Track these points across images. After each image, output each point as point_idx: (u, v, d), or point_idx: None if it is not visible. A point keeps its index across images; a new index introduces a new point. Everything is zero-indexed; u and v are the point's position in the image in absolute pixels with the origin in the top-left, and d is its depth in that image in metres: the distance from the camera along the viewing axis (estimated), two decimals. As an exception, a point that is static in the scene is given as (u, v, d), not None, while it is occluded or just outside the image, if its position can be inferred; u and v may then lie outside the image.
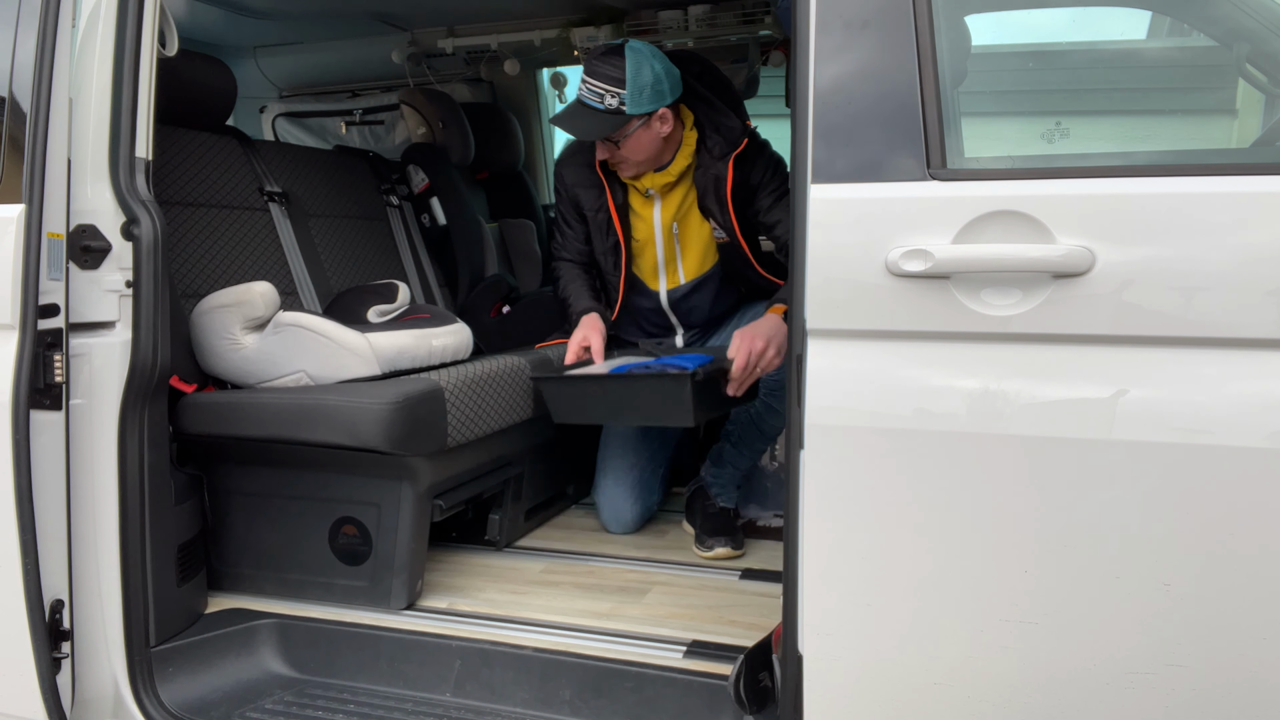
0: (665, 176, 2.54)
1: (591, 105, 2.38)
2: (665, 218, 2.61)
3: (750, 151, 2.52)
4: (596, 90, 2.37)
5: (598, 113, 2.38)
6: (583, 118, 2.40)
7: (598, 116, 2.38)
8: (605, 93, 2.36)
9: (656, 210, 2.60)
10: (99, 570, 1.86)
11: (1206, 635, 1.30)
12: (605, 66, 2.36)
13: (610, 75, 2.36)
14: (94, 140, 1.84)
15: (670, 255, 2.66)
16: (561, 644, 1.98)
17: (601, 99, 2.36)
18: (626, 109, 2.36)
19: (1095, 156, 1.60)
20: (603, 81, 2.36)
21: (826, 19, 1.43)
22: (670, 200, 2.59)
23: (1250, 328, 1.26)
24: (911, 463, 1.38)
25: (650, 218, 2.61)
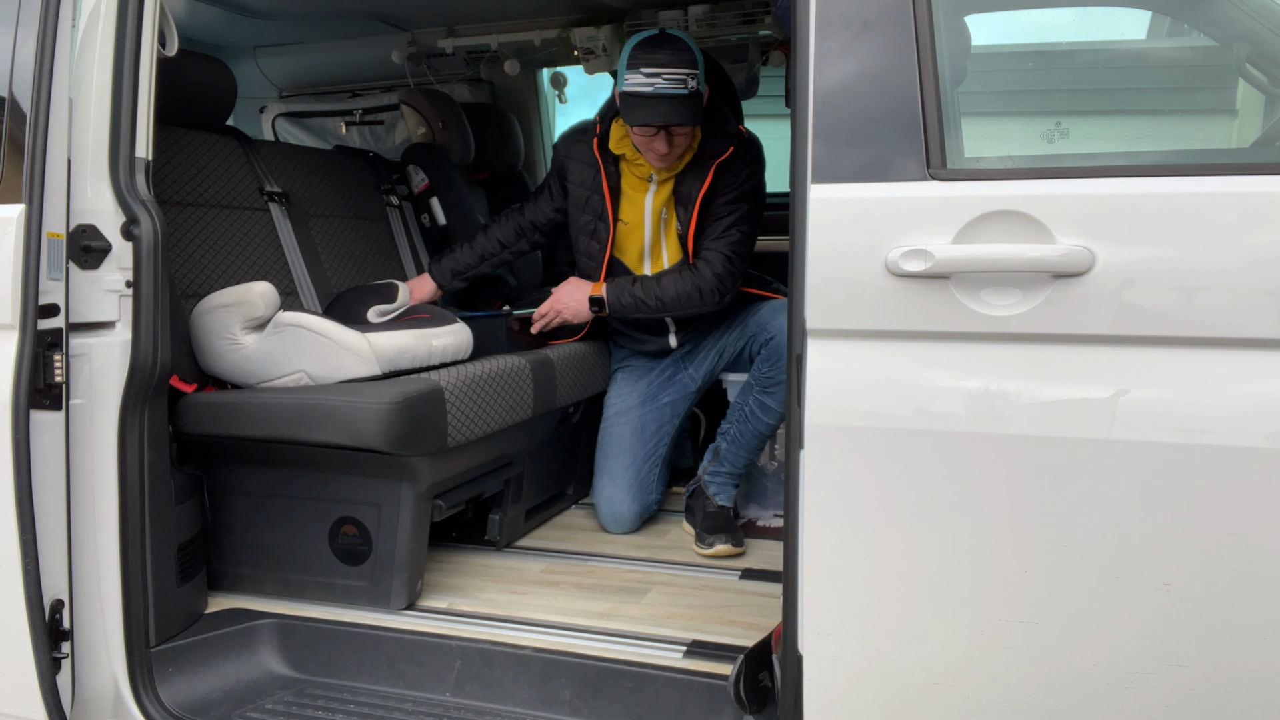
0: (674, 168, 2.57)
1: (677, 93, 2.36)
2: (656, 203, 2.64)
3: (732, 161, 2.55)
4: (678, 76, 2.36)
5: (686, 98, 2.37)
6: (676, 106, 2.38)
7: (688, 101, 2.38)
8: (687, 76, 2.36)
9: (650, 194, 2.63)
10: (99, 570, 1.86)
11: (1206, 635, 1.30)
12: (675, 53, 2.37)
13: (684, 58, 2.37)
14: (94, 140, 1.84)
15: (656, 240, 2.70)
16: (561, 644, 1.98)
17: (684, 83, 2.36)
18: (701, 87, 2.39)
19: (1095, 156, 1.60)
20: (681, 67, 2.36)
21: (826, 19, 1.43)
22: (664, 188, 2.62)
23: (1250, 328, 1.27)
24: (911, 463, 1.38)
25: (642, 202, 2.64)
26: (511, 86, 4.10)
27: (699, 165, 2.57)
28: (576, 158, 2.70)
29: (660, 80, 2.36)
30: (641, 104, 2.39)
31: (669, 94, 2.37)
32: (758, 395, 2.61)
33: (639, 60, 2.39)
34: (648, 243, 2.71)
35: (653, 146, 2.49)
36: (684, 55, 2.38)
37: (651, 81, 2.37)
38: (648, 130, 2.45)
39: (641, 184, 2.66)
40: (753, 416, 2.62)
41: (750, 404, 2.63)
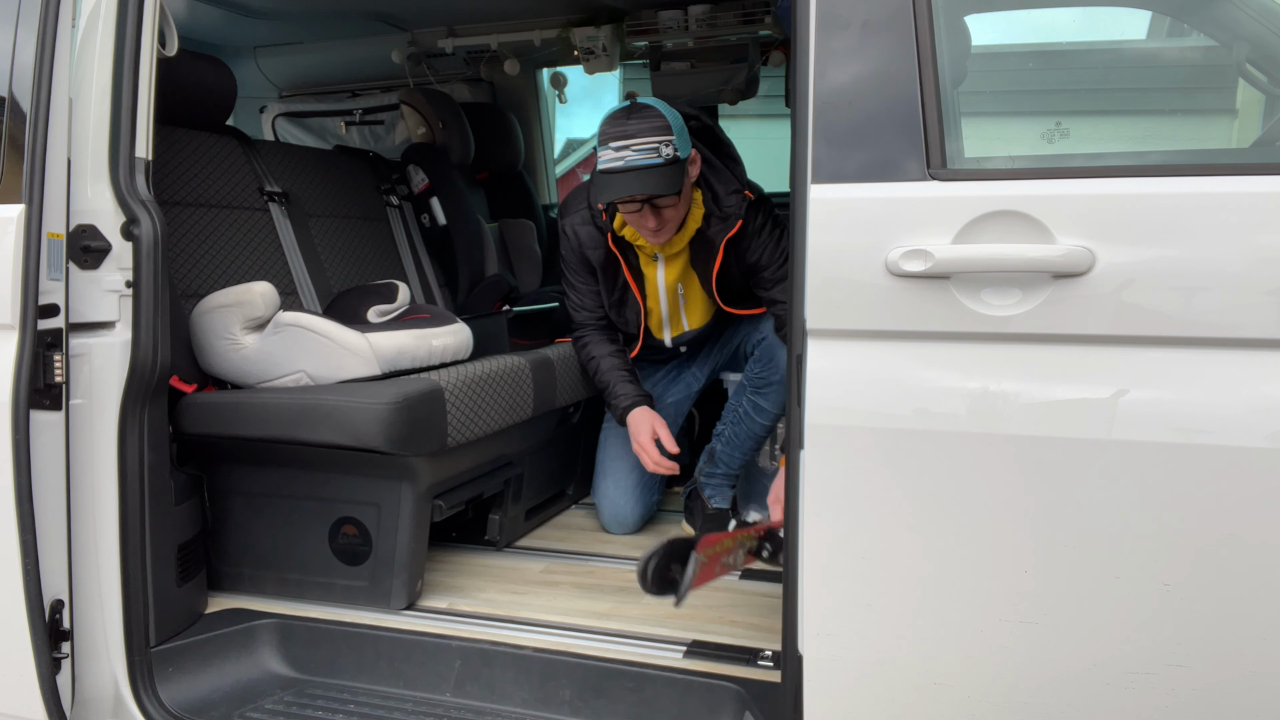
0: (679, 241, 2.45)
1: (650, 164, 2.20)
2: (669, 280, 2.57)
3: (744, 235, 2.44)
4: (649, 145, 2.20)
5: (661, 168, 2.20)
6: (649, 177, 2.21)
7: (663, 171, 2.20)
8: (659, 144, 2.20)
9: (660, 272, 2.57)
10: (99, 570, 1.86)
11: (1206, 635, 1.30)
12: (644, 121, 2.21)
13: (655, 125, 2.20)
14: (94, 140, 1.84)
15: (674, 312, 2.66)
16: (561, 644, 1.98)
17: (658, 151, 2.20)
18: (680, 154, 2.22)
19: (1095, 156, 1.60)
20: (651, 135, 2.20)
21: (826, 19, 1.43)
22: (674, 264, 2.55)
23: (1250, 328, 1.26)
24: (911, 463, 1.38)
25: (655, 278, 2.58)
26: (511, 86, 4.11)
27: (705, 242, 2.45)
28: (590, 244, 2.54)
29: (629, 152, 2.20)
30: (613, 180, 2.23)
31: (640, 165, 2.20)
32: (751, 396, 2.61)
33: (607, 135, 2.24)
34: (666, 315, 2.66)
35: (642, 224, 2.34)
36: (655, 122, 2.21)
37: (621, 155, 2.21)
38: (630, 206, 2.29)
39: (650, 262, 2.56)
40: (747, 417, 2.62)
41: (744, 405, 2.63)
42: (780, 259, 2.46)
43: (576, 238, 2.57)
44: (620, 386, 2.59)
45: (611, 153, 2.22)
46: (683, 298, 2.62)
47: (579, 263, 2.61)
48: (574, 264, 2.63)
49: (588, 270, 2.61)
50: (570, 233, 2.58)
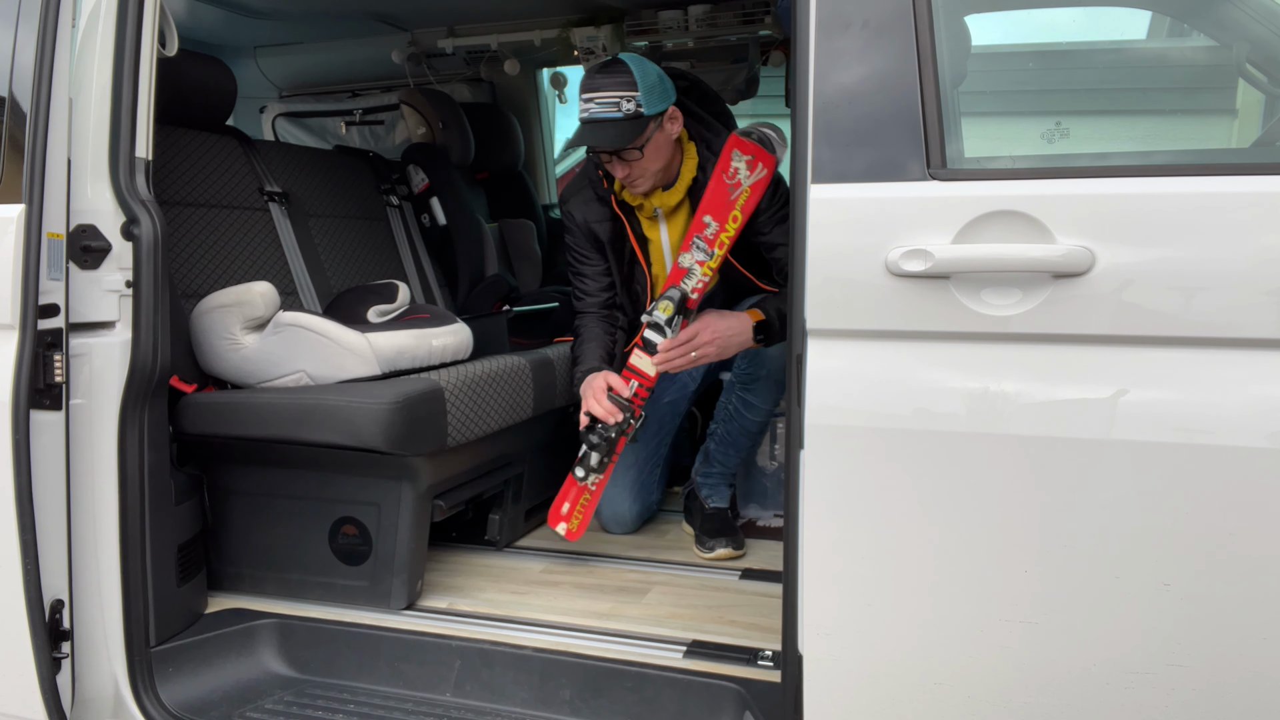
0: (673, 195, 2.47)
1: (609, 117, 2.28)
2: (673, 239, 2.57)
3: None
4: (610, 100, 2.28)
5: (619, 121, 2.28)
6: (605, 129, 2.29)
7: (620, 125, 2.28)
8: (620, 99, 2.27)
9: (663, 232, 2.57)
10: (99, 570, 1.86)
11: (1207, 635, 1.30)
12: (610, 76, 2.29)
13: (620, 80, 2.28)
14: (94, 140, 1.84)
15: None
16: (561, 644, 1.98)
17: (618, 105, 2.27)
18: (644, 110, 2.29)
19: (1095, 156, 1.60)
20: (614, 90, 2.27)
21: (826, 19, 1.43)
22: (675, 222, 2.55)
23: (1250, 328, 1.26)
24: (911, 463, 1.38)
25: (659, 241, 2.58)
26: (511, 86, 4.11)
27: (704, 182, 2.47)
28: (593, 217, 2.58)
29: (593, 105, 2.29)
30: (581, 130, 2.34)
31: (600, 118, 2.28)
32: (740, 393, 2.60)
33: (582, 87, 2.35)
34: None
35: (616, 173, 2.41)
36: (620, 78, 2.28)
37: (586, 107, 2.30)
38: (604, 156, 2.38)
39: (652, 222, 2.58)
40: (738, 414, 2.62)
41: (734, 402, 2.63)
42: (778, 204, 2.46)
43: (581, 217, 2.59)
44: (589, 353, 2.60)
45: (582, 104, 2.33)
46: None
47: (587, 242, 2.63)
48: (582, 245, 2.64)
49: (596, 249, 2.63)
50: (575, 215, 2.61)
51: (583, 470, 2.44)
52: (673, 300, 2.36)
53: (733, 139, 2.37)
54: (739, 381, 2.61)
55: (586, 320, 2.66)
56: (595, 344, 2.60)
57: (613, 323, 2.67)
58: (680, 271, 2.39)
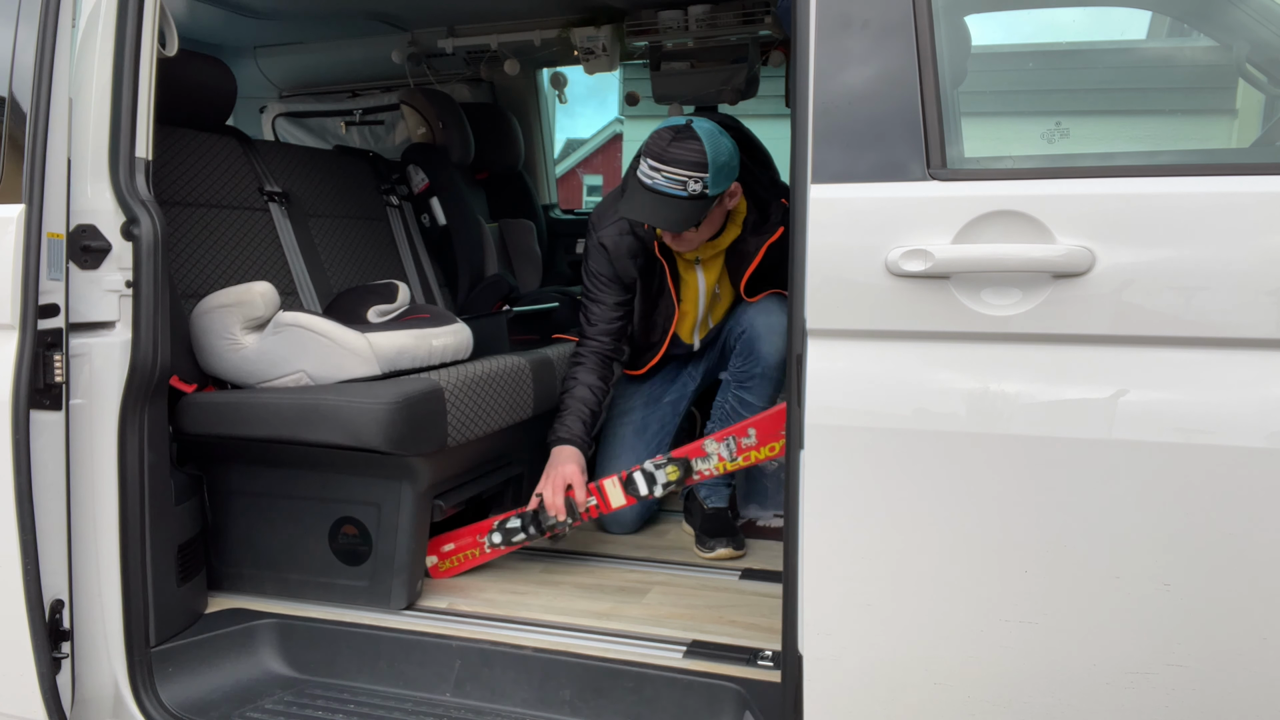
0: (716, 247, 2.49)
1: (672, 194, 2.23)
2: (709, 284, 2.59)
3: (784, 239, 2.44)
4: (678, 178, 2.21)
5: (681, 200, 2.23)
6: (668, 208, 2.24)
7: (684, 205, 2.24)
8: (689, 179, 2.21)
9: (699, 277, 2.58)
10: (99, 570, 1.86)
11: (1206, 635, 1.30)
12: (683, 151, 2.22)
13: (691, 160, 2.21)
14: (94, 140, 1.84)
15: (706, 315, 2.67)
16: (561, 644, 1.98)
17: (685, 186, 2.22)
18: (709, 191, 2.24)
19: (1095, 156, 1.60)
20: (684, 168, 2.21)
21: (826, 19, 1.43)
22: (712, 267, 2.57)
23: (1250, 328, 1.27)
24: (911, 463, 1.38)
25: (695, 283, 2.59)
26: (511, 86, 4.11)
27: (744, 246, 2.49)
28: (625, 250, 2.54)
29: (660, 177, 2.23)
30: (637, 198, 2.28)
31: (665, 192, 2.23)
32: (736, 391, 2.60)
33: (650, 149, 2.27)
34: (700, 319, 2.68)
35: (664, 235, 2.41)
36: (694, 157, 2.21)
37: (652, 177, 2.24)
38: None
39: (690, 266, 2.57)
40: (734, 413, 2.62)
41: (730, 401, 2.63)
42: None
43: (615, 249, 2.55)
44: (572, 419, 2.53)
45: (647, 169, 2.26)
46: (718, 299, 2.65)
47: (609, 275, 2.59)
48: (603, 276, 2.60)
49: (616, 283, 2.59)
50: (607, 244, 2.55)
51: (499, 536, 2.41)
52: (680, 470, 2.35)
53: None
54: (735, 380, 2.61)
55: (586, 359, 2.61)
56: (582, 402, 2.55)
57: (615, 357, 2.65)
58: (699, 451, 2.35)
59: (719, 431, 2.36)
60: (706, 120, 2.32)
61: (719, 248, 2.51)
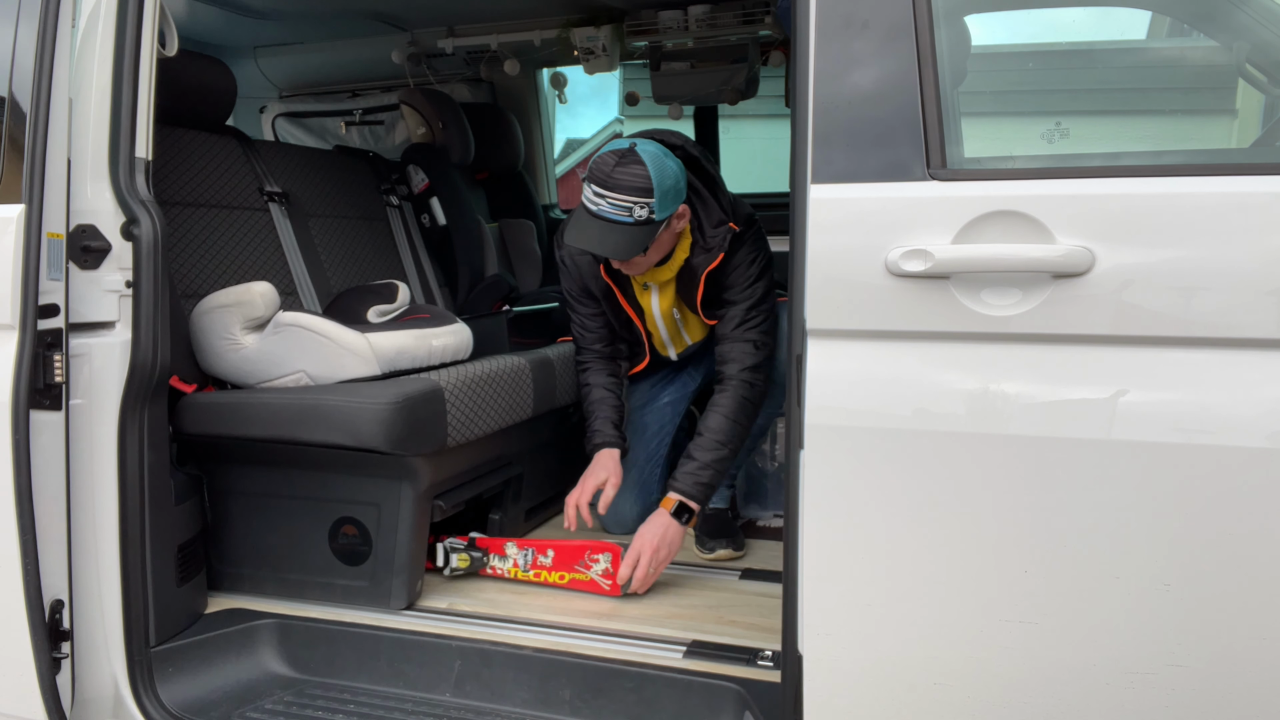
0: (665, 272, 2.45)
1: (618, 220, 2.17)
2: (664, 307, 2.57)
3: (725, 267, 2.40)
4: (623, 204, 2.15)
5: (628, 227, 2.17)
6: (614, 234, 2.18)
7: (630, 231, 2.18)
8: (634, 205, 2.15)
9: (654, 301, 2.56)
10: (99, 570, 1.86)
11: (1206, 635, 1.30)
12: (627, 176, 2.15)
13: (636, 186, 2.15)
14: (94, 140, 1.84)
15: (674, 333, 2.65)
16: (561, 644, 1.98)
17: (630, 212, 2.16)
18: (655, 216, 2.18)
19: (1095, 156, 1.60)
20: (629, 194, 2.15)
21: (826, 19, 1.43)
22: (666, 292, 2.54)
23: (1250, 328, 1.27)
24: (911, 463, 1.38)
25: (649, 306, 2.58)
26: (511, 86, 4.11)
27: (689, 274, 2.44)
28: (589, 274, 2.53)
29: (605, 204, 2.17)
30: (583, 224, 2.22)
31: (610, 218, 2.17)
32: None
33: (594, 175, 2.21)
34: (667, 338, 2.67)
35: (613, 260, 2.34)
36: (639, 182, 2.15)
37: (597, 203, 2.18)
38: None
39: (644, 291, 2.56)
40: None
41: None
42: (746, 284, 2.41)
43: (576, 267, 2.55)
44: (600, 423, 2.57)
45: (592, 194, 2.21)
46: (680, 321, 2.62)
47: (580, 290, 2.60)
48: (576, 292, 2.61)
49: (590, 296, 2.60)
50: (570, 262, 2.56)
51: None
52: (470, 560, 2.39)
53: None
54: None
55: (590, 364, 2.63)
56: (602, 402, 2.58)
57: (617, 356, 2.66)
58: (499, 549, 2.41)
59: (524, 539, 2.42)
60: (651, 143, 2.26)
61: (671, 271, 2.44)
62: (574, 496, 2.45)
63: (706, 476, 2.35)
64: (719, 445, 2.35)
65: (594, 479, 2.48)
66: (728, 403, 2.38)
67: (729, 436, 2.36)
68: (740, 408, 2.38)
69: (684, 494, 2.33)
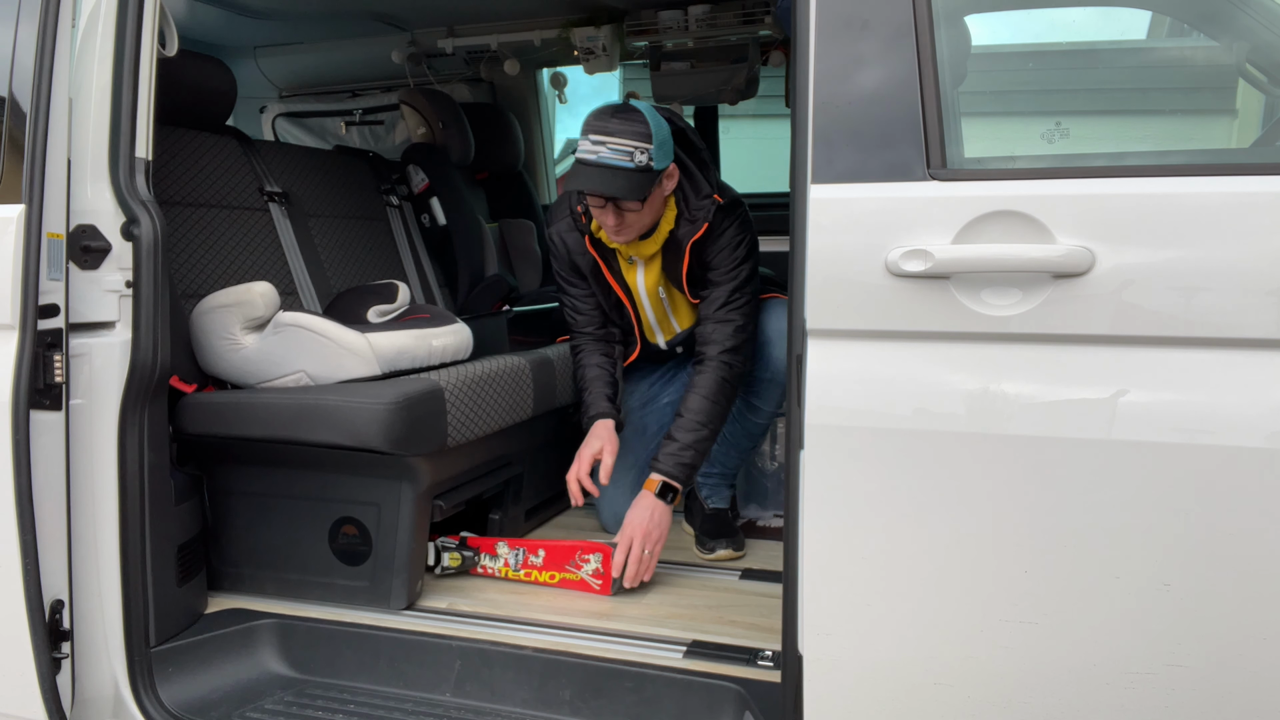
0: (650, 245, 2.45)
1: (619, 165, 2.19)
2: (649, 285, 2.56)
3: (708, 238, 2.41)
4: (624, 149, 2.18)
5: (629, 171, 2.19)
6: (618, 178, 2.20)
7: (631, 176, 2.19)
8: (634, 149, 2.18)
9: (640, 277, 2.55)
10: (99, 570, 1.86)
11: (1206, 635, 1.30)
12: (626, 123, 2.20)
13: (636, 131, 2.19)
14: (94, 140, 1.84)
15: (661, 316, 2.64)
16: (561, 644, 1.98)
17: (631, 156, 2.18)
18: (654, 164, 2.21)
19: (1095, 156, 1.60)
20: (629, 139, 2.18)
21: (826, 19, 1.43)
22: (652, 268, 2.53)
23: (1251, 328, 1.27)
24: (911, 463, 1.38)
25: (635, 284, 2.57)
26: (511, 86, 4.10)
27: (674, 246, 2.45)
28: (575, 247, 2.55)
29: (605, 149, 2.19)
30: (584, 172, 2.23)
31: (612, 164, 2.19)
32: (743, 395, 2.60)
33: (589, 127, 2.24)
34: (653, 319, 2.66)
35: (603, 220, 2.32)
36: (637, 128, 2.20)
37: (596, 150, 2.20)
38: (596, 201, 2.29)
39: (630, 267, 2.56)
40: (740, 416, 2.62)
41: (737, 404, 2.63)
42: (732, 265, 2.42)
43: (564, 244, 2.57)
44: (594, 396, 2.58)
45: (589, 144, 2.24)
46: (666, 301, 2.61)
47: (569, 269, 2.61)
48: (565, 271, 2.63)
49: (579, 276, 2.61)
50: (558, 240, 2.58)
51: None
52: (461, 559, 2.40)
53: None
54: (743, 385, 2.61)
55: (583, 345, 2.64)
56: (596, 379, 2.58)
57: (610, 341, 2.67)
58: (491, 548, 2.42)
59: (515, 539, 2.43)
60: (642, 102, 2.33)
61: (655, 244, 2.45)
62: (573, 472, 2.44)
63: (688, 457, 2.37)
64: (699, 426, 2.37)
65: (589, 449, 2.47)
66: (707, 384, 2.40)
67: (709, 417, 2.38)
68: (719, 389, 2.40)
69: (666, 474, 2.35)
